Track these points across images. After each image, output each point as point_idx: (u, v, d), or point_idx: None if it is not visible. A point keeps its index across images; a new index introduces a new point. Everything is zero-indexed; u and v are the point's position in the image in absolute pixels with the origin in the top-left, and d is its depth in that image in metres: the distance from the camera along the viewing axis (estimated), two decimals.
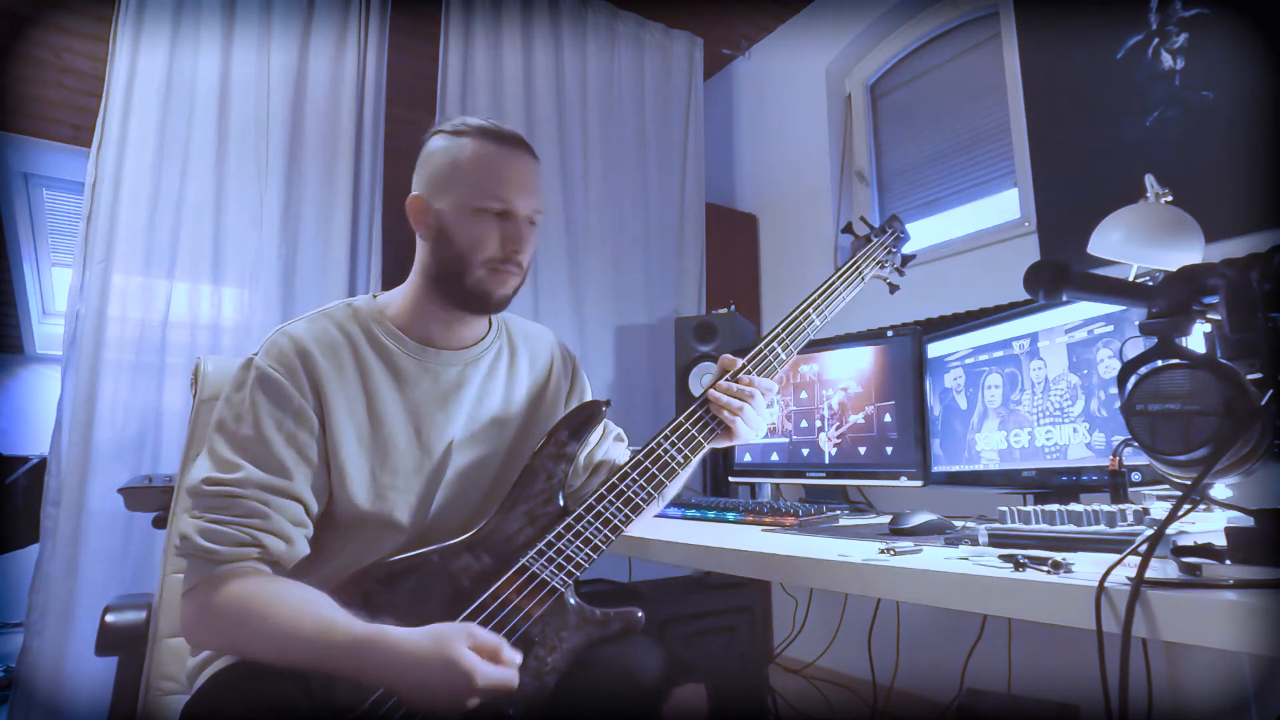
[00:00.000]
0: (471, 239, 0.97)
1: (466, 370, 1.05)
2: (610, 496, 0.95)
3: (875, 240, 1.27)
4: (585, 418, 1.02)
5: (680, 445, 1.01)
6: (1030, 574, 0.74)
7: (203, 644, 0.91)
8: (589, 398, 1.20)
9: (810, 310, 1.13)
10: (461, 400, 1.04)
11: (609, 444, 1.19)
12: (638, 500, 0.96)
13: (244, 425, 0.90)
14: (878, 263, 1.25)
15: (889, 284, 1.32)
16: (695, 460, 1.03)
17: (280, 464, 0.90)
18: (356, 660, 0.79)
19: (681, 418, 1.03)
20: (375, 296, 1.07)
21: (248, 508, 0.86)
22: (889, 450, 1.62)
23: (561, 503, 0.96)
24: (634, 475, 0.97)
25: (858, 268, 1.21)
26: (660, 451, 1.00)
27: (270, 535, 0.87)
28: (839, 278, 1.18)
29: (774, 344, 1.09)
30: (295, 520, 0.90)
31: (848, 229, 1.30)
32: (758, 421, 1.05)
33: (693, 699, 0.93)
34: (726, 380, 1.05)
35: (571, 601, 0.91)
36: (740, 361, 1.07)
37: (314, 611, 0.82)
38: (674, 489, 1.05)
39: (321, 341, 0.97)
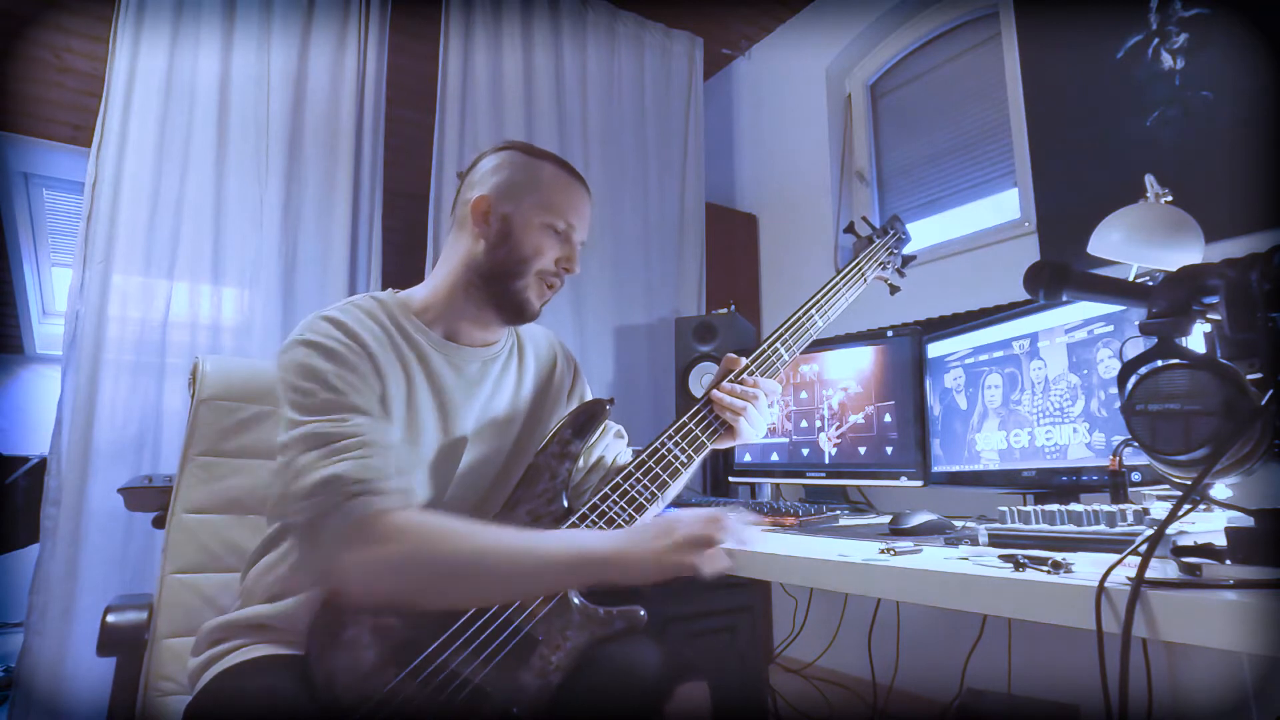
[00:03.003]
0: (535, 247, 1.02)
1: (486, 367, 1.07)
2: (615, 496, 0.95)
3: (877, 241, 1.27)
4: (589, 416, 1.03)
5: (684, 445, 1.02)
6: (1030, 574, 0.74)
7: (386, 591, 0.82)
8: (589, 397, 1.21)
9: (813, 311, 1.14)
10: (478, 396, 1.05)
11: (609, 439, 1.20)
12: (641, 500, 0.97)
13: (319, 394, 0.88)
14: (879, 264, 1.26)
15: (890, 285, 1.33)
16: (698, 460, 1.04)
17: (374, 411, 0.90)
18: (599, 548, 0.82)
19: (685, 418, 1.03)
20: (396, 291, 1.08)
21: (379, 449, 0.86)
22: (889, 450, 1.62)
23: (565, 503, 0.96)
24: (638, 475, 0.98)
25: (860, 268, 1.22)
26: (664, 451, 1.00)
27: (407, 477, 0.88)
28: (841, 278, 1.19)
29: (777, 344, 1.10)
30: (412, 462, 0.93)
31: (850, 229, 1.31)
32: (760, 422, 1.06)
33: (696, 697, 0.94)
34: (730, 381, 1.05)
35: (576, 600, 0.91)
36: (744, 362, 1.07)
37: (520, 532, 0.84)
38: (676, 488, 1.06)
39: (362, 324, 0.98)
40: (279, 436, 0.88)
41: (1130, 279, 1.21)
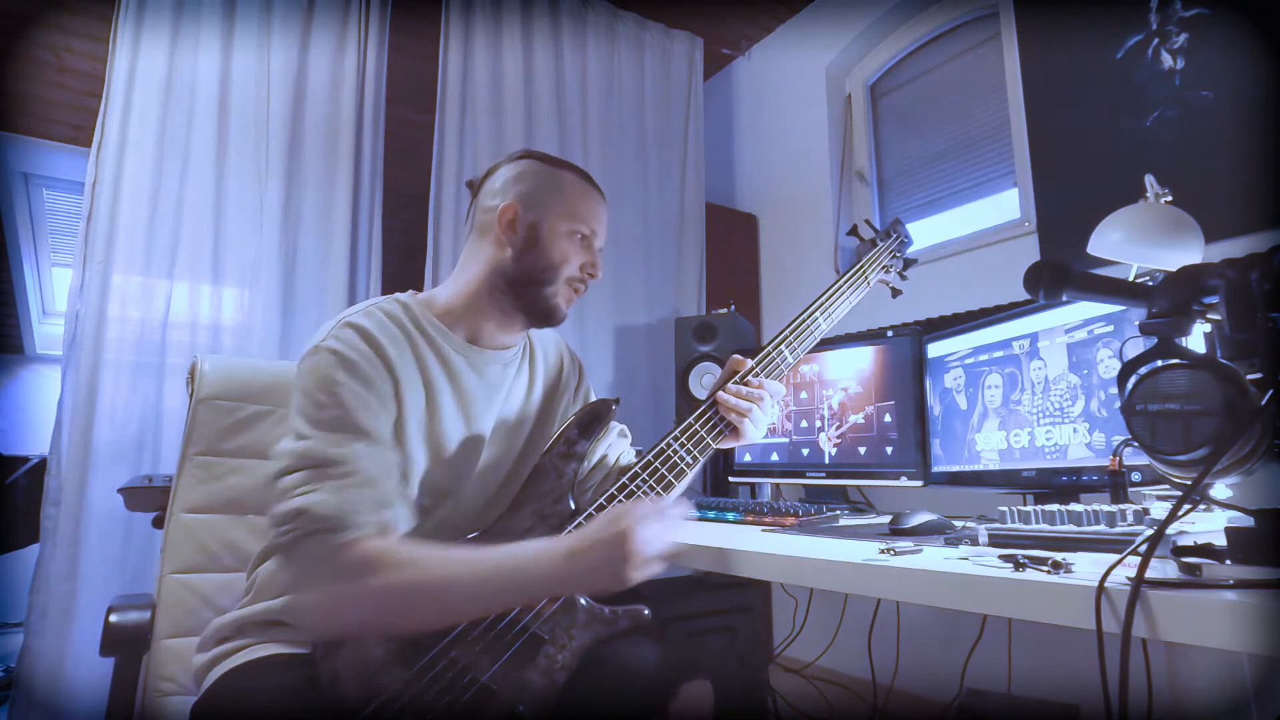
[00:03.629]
0: (563, 254, 1.05)
1: (505, 370, 1.08)
2: (621, 497, 0.96)
3: (880, 244, 1.28)
4: (594, 417, 1.04)
5: (689, 446, 1.02)
6: (1030, 574, 0.74)
7: (352, 623, 0.83)
8: (594, 397, 1.23)
9: (817, 314, 1.15)
10: (495, 398, 1.06)
11: (612, 438, 1.20)
12: None
13: (329, 409, 0.87)
14: (883, 267, 1.26)
15: (891, 288, 1.33)
16: (703, 461, 1.04)
17: (378, 436, 0.88)
18: (550, 569, 0.81)
19: (691, 419, 1.04)
20: (416, 293, 1.08)
21: (364, 480, 0.84)
22: (889, 450, 1.62)
23: (571, 503, 0.96)
24: (644, 476, 0.98)
25: (863, 272, 1.22)
26: (670, 452, 1.01)
27: (387, 509, 0.85)
28: (845, 281, 1.19)
29: (781, 347, 1.11)
30: (399, 493, 0.90)
31: (853, 232, 1.31)
32: (764, 423, 1.07)
33: (699, 695, 0.94)
34: (735, 383, 1.06)
35: (581, 600, 0.91)
36: (749, 363, 1.08)
37: (486, 553, 0.82)
38: (681, 489, 1.06)
39: (385, 330, 0.97)
40: (282, 441, 0.87)
41: (1130, 279, 1.21)
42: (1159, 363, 0.67)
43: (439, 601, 0.80)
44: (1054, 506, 0.91)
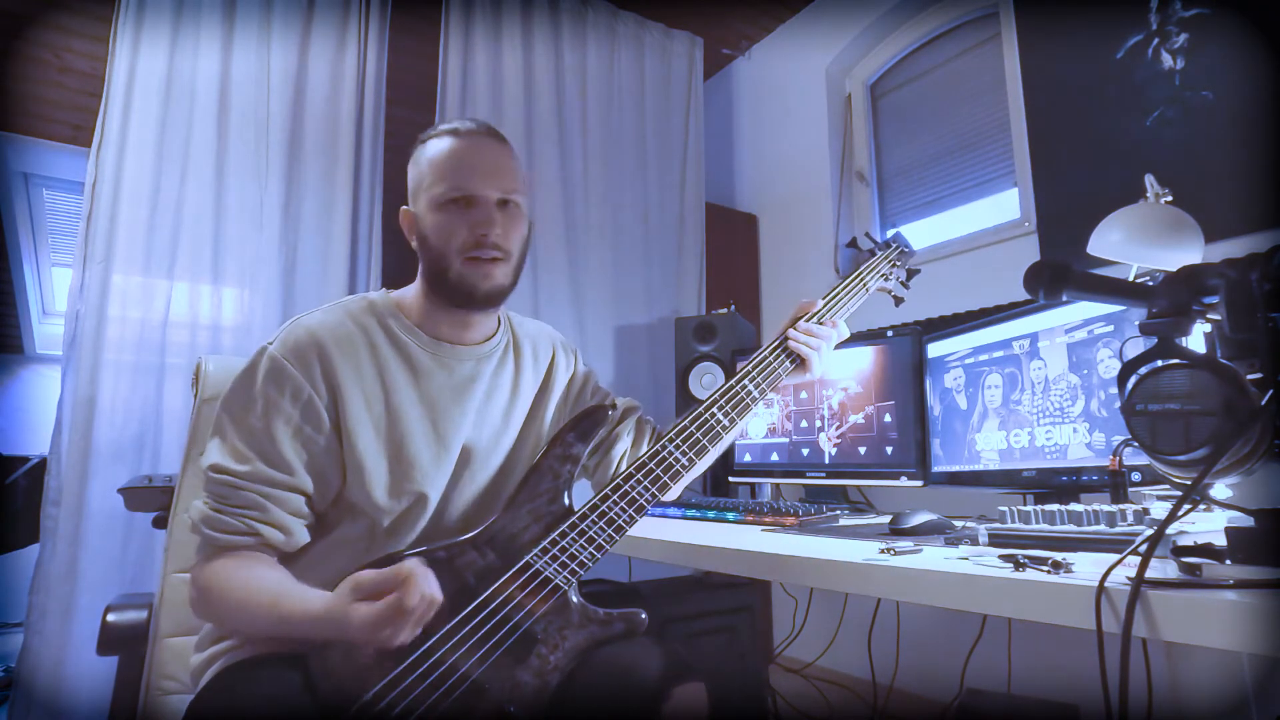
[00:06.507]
0: (442, 232, 0.98)
1: (479, 366, 1.07)
2: (615, 497, 0.96)
3: (879, 254, 1.28)
4: (592, 422, 1.03)
5: (685, 448, 1.02)
6: (1030, 574, 0.74)
7: (203, 618, 0.95)
8: (594, 384, 1.23)
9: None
10: (473, 395, 1.05)
11: (623, 437, 1.20)
12: (641, 501, 0.97)
13: (253, 416, 0.92)
14: (881, 275, 1.26)
15: (894, 296, 1.33)
16: (700, 463, 1.04)
17: (284, 460, 0.91)
18: (327, 630, 0.83)
19: (686, 421, 1.03)
20: (389, 291, 1.08)
21: (248, 500, 0.89)
22: (889, 450, 1.62)
23: (567, 502, 0.96)
24: (639, 476, 0.98)
25: (861, 278, 1.22)
26: (664, 454, 1.00)
27: (268, 526, 0.90)
28: (843, 288, 1.19)
29: (780, 352, 1.11)
30: (295, 512, 0.93)
31: (853, 244, 1.32)
32: (828, 357, 1.12)
33: (693, 698, 0.94)
34: (805, 322, 1.12)
35: (574, 600, 0.91)
36: (819, 304, 1.14)
37: (300, 592, 0.86)
38: (677, 490, 1.06)
39: (337, 334, 0.97)
40: (213, 438, 0.93)
41: (1130, 279, 1.21)
42: (1159, 363, 0.67)
43: (246, 618, 0.89)
44: (1054, 506, 0.91)
